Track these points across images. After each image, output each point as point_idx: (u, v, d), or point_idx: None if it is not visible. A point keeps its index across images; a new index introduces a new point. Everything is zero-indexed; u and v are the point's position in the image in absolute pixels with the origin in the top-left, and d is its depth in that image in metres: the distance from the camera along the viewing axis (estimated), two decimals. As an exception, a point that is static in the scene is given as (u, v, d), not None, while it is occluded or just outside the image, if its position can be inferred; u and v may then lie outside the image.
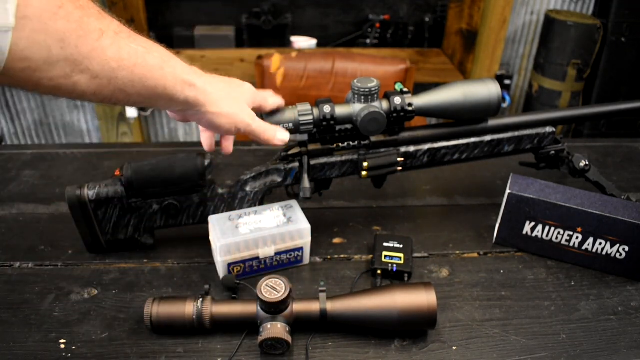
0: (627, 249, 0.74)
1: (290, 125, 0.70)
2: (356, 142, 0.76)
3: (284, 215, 0.75)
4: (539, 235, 0.78)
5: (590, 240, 0.75)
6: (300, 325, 0.64)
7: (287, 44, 2.33)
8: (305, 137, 0.75)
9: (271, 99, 0.71)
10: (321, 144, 0.75)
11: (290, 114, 0.70)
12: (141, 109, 2.17)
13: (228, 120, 0.65)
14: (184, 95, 0.60)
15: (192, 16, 2.30)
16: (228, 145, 0.73)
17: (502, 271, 0.78)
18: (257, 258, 0.74)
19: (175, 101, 0.60)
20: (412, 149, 0.78)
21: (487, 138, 0.80)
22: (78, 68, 0.49)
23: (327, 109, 0.71)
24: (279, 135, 0.69)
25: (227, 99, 0.65)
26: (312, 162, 0.75)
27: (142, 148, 1.22)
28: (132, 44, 0.53)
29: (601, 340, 0.66)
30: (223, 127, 0.65)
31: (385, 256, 0.76)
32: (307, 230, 0.74)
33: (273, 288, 0.62)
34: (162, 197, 0.75)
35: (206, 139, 0.72)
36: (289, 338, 0.61)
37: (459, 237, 0.84)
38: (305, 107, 0.71)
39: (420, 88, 0.86)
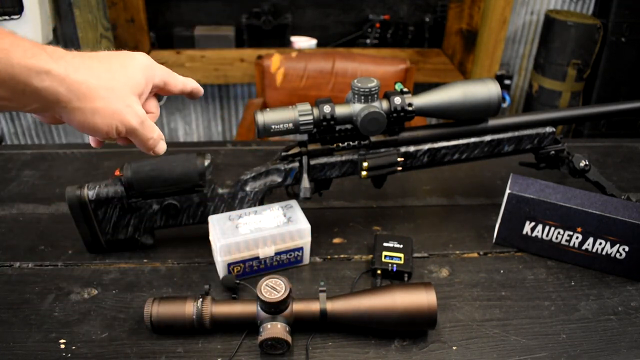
0: (627, 249, 0.74)
1: (290, 125, 0.70)
2: (356, 142, 0.76)
3: (284, 215, 0.75)
4: (539, 235, 0.78)
5: (590, 240, 0.75)
6: (300, 325, 0.64)
7: (287, 44, 2.33)
8: (305, 137, 0.75)
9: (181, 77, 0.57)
10: (321, 144, 0.75)
11: (290, 113, 0.70)
12: None
13: (105, 120, 0.48)
14: (33, 87, 0.44)
15: (192, 16, 2.30)
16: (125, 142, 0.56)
17: (502, 271, 0.78)
18: (257, 258, 0.74)
19: (23, 98, 0.44)
20: (412, 149, 0.78)
21: (487, 138, 0.80)
22: None
23: (327, 109, 0.71)
24: (160, 147, 0.56)
25: (104, 89, 0.47)
26: (312, 162, 0.75)
27: (142, 148, 1.22)
28: None
29: (601, 340, 0.66)
30: (99, 129, 0.48)
31: (385, 256, 0.76)
32: (307, 230, 0.74)
33: (273, 288, 0.62)
34: (162, 197, 0.75)
35: (93, 139, 0.56)
36: (289, 338, 0.61)
37: (459, 237, 0.84)
38: (305, 107, 0.71)
39: (420, 88, 0.86)
